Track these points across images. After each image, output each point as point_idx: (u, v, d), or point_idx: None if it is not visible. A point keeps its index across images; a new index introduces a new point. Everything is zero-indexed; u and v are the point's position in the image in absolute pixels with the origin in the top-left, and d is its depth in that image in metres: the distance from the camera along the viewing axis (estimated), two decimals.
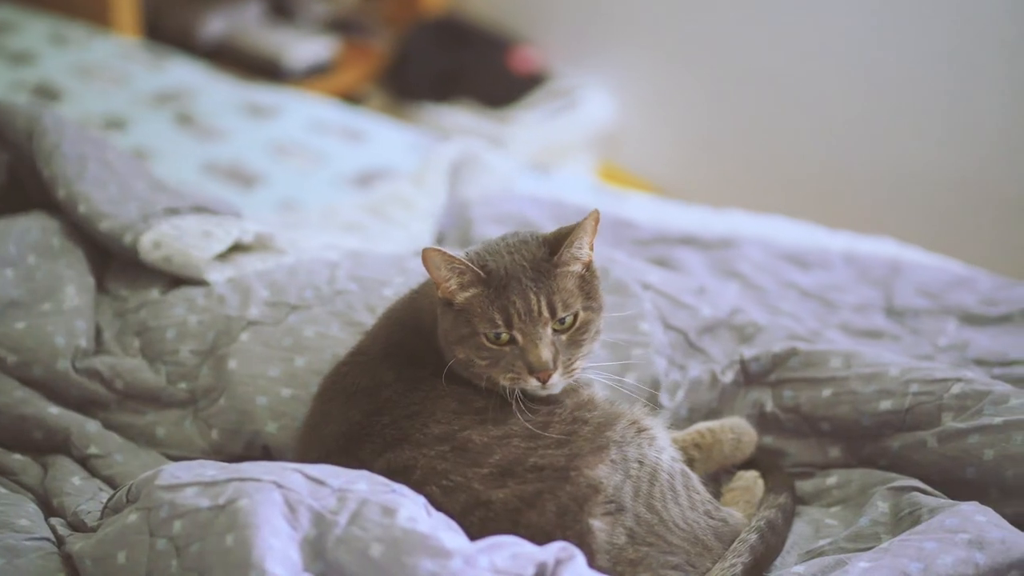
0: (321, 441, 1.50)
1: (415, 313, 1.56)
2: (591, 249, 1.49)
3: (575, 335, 1.46)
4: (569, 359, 1.46)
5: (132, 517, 1.34)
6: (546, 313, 1.44)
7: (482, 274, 1.45)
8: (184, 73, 3.13)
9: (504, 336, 1.44)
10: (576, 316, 1.46)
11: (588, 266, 1.50)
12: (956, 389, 1.62)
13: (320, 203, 2.49)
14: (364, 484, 1.34)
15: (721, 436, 1.63)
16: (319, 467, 1.37)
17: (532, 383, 1.44)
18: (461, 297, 1.46)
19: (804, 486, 1.67)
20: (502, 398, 1.46)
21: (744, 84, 3.76)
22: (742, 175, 3.80)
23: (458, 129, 3.73)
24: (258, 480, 1.32)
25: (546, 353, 1.43)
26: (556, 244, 1.47)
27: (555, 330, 1.45)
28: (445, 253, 1.44)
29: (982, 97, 3.29)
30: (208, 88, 3.05)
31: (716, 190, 3.64)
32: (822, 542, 1.53)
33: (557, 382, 1.46)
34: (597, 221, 1.47)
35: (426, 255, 1.45)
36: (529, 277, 1.45)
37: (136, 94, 2.97)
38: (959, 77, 3.32)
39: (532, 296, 1.44)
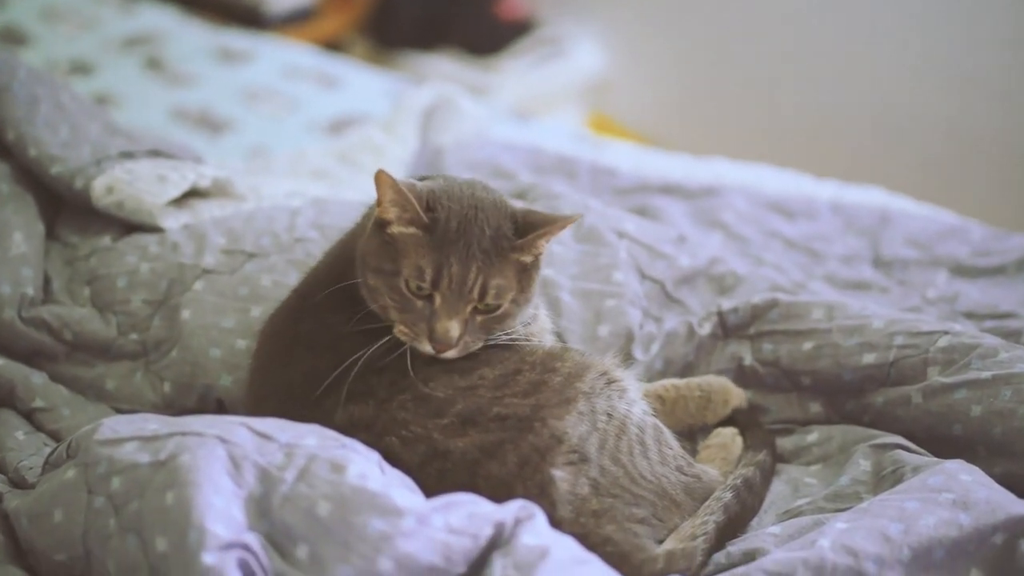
0: (284, 385, 1.42)
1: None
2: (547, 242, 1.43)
3: (491, 322, 1.39)
4: (472, 340, 1.39)
5: (70, 473, 1.29)
6: (475, 294, 1.37)
7: (425, 220, 1.37)
8: (155, 17, 3.05)
9: (426, 291, 1.36)
10: (500, 306, 1.39)
11: (537, 258, 1.42)
12: (943, 342, 1.56)
13: (290, 150, 2.41)
14: (313, 439, 1.27)
15: (687, 393, 1.58)
16: (266, 421, 1.31)
17: (426, 347, 1.37)
18: (397, 229, 1.38)
19: (784, 443, 1.61)
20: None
21: (734, 32, 3.68)
22: (732, 123, 3.73)
23: (443, 77, 3.63)
24: (201, 435, 1.26)
25: (455, 330, 1.36)
26: (525, 228, 1.39)
27: (476, 309, 1.38)
28: (396, 184, 1.36)
29: (975, 42, 3.21)
30: (179, 33, 2.97)
31: (706, 139, 3.58)
32: (800, 502, 1.47)
33: (451, 356, 1.38)
34: (574, 222, 1.42)
35: (378, 177, 1.36)
36: (482, 249, 1.37)
37: (104, 38, 2.89)
38: (951, 21, 3.24)
39: (473, 270, 1.36)
